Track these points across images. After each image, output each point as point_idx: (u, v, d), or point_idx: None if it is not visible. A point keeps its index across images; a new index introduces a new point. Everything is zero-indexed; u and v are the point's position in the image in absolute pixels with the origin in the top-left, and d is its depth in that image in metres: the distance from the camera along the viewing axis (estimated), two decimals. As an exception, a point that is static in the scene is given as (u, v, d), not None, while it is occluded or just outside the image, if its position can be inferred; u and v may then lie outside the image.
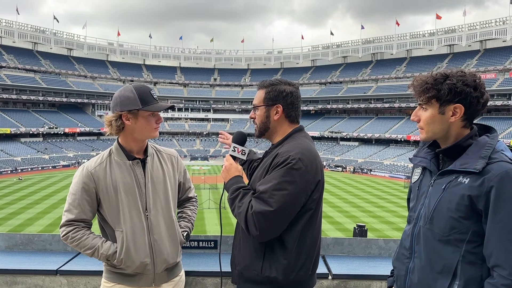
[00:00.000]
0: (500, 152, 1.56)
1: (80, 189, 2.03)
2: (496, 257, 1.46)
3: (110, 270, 2.12)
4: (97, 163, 2.08)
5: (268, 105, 2.01)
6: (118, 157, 2.10)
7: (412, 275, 1.68)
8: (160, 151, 2.27)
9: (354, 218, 26.59)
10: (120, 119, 2.03)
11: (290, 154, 1.83)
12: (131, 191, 2.07)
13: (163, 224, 2.14)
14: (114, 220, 2.05)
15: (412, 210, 1.78)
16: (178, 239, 2.21)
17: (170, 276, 2.21)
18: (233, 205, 1.90)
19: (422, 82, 1.63)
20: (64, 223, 2.05)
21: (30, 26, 70.34)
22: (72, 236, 2.03)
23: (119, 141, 2.13)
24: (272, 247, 1.88)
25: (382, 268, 2.87)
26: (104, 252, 2.02)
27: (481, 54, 64.62)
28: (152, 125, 2.08)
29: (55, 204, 29.73)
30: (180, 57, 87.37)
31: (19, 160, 52.30)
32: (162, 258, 2.12)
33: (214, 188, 35.17)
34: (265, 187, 1.81)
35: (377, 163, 56.07)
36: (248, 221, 1.80)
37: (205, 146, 74.31)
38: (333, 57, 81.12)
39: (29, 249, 3.27)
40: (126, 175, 2.08)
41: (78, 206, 2.04)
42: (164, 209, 2.16)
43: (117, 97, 2.04)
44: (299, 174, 1.81)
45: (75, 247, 2.06)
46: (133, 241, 2.05)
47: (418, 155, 1.82)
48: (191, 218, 2.38)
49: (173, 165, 2.28)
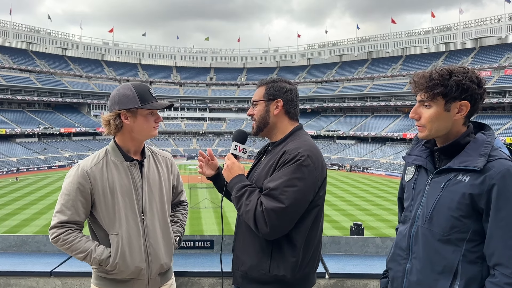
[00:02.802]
0: (498, 149, 1.55)
1: (75, 189, 1.96)
2: (498, 255, 1.44)
3: (101, 276, 2.04)
4: (93, 163, 2.01)
5: (268, 100, 2.02)
6: (115, 157, 2.04)
7: (410, 276, 1.64)
8: (155, 153, 2.23)
9: (351, 217, 26.63)
10: (118, 118, 1.98)
11: (299, 151, 1.84)
12: (128, 193, 2.01)
13: (159, 228, 2.10)
14: (109, 223, 1.99)
15: (408, 209, 1.74)
16: (172, 244, 2.18)
17: (163, 281, 2.17)
18: (240, 203, 1.88)
19: (427, 78, 1.58)
20: (55, 224, 1.97)
21: (24, 26, 69.97)
22: (64, 239, 1.95)
23: (116, 140, 2.06)
24: (280, 246, 1.87)
25: (379, 267, 2.84)
26: (97, 257, 1.95)
27: (476, 52, 64.85)
28: (151, 124, 2.04)
29: (51, 204, 29.56)
30: (175, 56, 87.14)
31: (14, 160, 52.02)
32: (157, 263, 2.07)
33: (210, 188, 35.08)
34: (275, 184, 1.80)
35: (373, 161, 56.17)
36: (257, 219, 1.79)
37: (202, 145, 74.18)
38: (329, 55, 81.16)
39: (23, 251, 3.24)
40: (123, 176, 2.02)
41: (72, 207, 1.96)
42: (160, 212, 2.12)
43: (115, 96, 1.99)
44: (308, 171, 1.82)
45: (65, 250, 1.98)
46: (129, 245, 1.99)
47: (412, 153, 1.78)
48: (183, 222, 2.34)
49: (167, 167, 2.24)
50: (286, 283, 1.87)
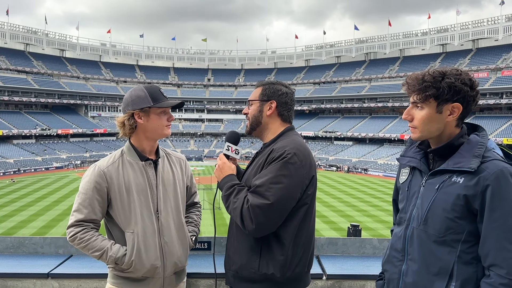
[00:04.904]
0: (492, 150, 1.56)
1: (92, 188, 2.00)
2: (493, 256, 1.45)
3: (117, 275, 2.07)
4: (109, 162, 2.07)
5: (263, 100, 2.06)
6: (130, 157, 2.09)
7: (406, 277, 1.64)
8: (170, 154, 2.29)
9: (348, 218, 26.65)
10: (132, 118, 2.04)
11: (285, 149, 1.87)
12: (143, 192, 2.06)
13: (173, 226, 2.13)
14: (125, 221, 2.02)
15: (403, 211, 1.74)
16: (187, 242, 2.20)
17: (178, 281, 2.19)
18: (228, 202, 1.90)
19: (419, 80, 1.59)
20: (72, 223, 2.01)
21: (22, 27, 69.78)
22: (81, 237, 1.98)
23: (131, 141, 2.12)
24: (269, 244, 1.88)
25: (377, 268, 2.84)
26: (113, 255, 1.98)
27: (473, 53, 65.08)
28: (164, 123, 2.09)
29: (48, 206, 29.49)
30: (173, 57, 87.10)
31: (11, 162, 51.84)
32: (172, 261, 2.10)
33: (208, 189, 35.07)
34: (261, 181, 1.82)
35: (371, 162, 56.25)
36: (243, 216, 1.81)
37: (199, 146, 74.15)
38: (327, 57, 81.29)
39: (20, 253, 3.23)
40: (139, 175, 2.07)
41: (89, 206, 2.00)
42: (174, 211, 2.15)
43: (128, 97, 2.06)
44: (295, 168, 1.84)
45: (82, 249, 2.01)
46: (144, 243, 2.02)
47: (406, 155, 1.78)
48: (198, 223, 2.38)
49: (181, 168, 2.29)
50: (276, 282, 1.88)
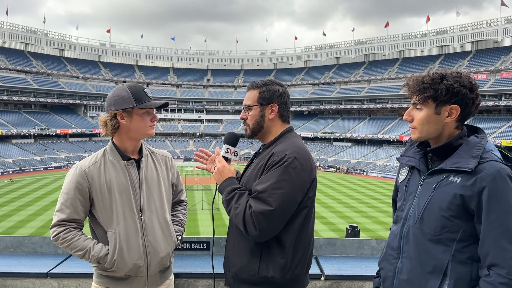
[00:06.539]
0: (490, 152, 1.58)
1: (73, 188, 2.00)
2: (493, 256, 1.46)
3: (101, 274, 2.08)
4: (91, 162, 2.07)
5: (263, 105, 2.01)
6: (112, 157, 2.08)
7: (401, 275, 1.66)
8: (154, 152, 2.27)
9: (347, 219, 26.67)
10: (115, 118, 2.03)
11: (286, 153, 1.85)
12: (125, 192, 2.05)
13: (158, 225, 2.12)
14: (107, 221, 2.02)
15: (400, 209, 1.77)
16: (172, 241, 2.20)
17: (162, 279, 2.19)
18: (229, 207, 1.89)
19: (419, 82, 1.62)
20: (55, 223, 2.02)
21: (21, 26, 69.74)
22: (63, 237, 2.00)
23: (113, 141, 2.11)
24: (269, 247, 1.87)
25: (375, 269, 2.84)
26: (96, 254, 1.99)
27: (472, 55, 65.17)
28: (147, 123, 2.08)
29: (46, 206, 29.45)
30: (173, 57, 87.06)
31: (10, 161, 51.77)
32: (156, 260, 2.10)
33: (207, 189, 35.07)
34: (263, 187, 1.81)
35: (370, 163, 56.28)
36: (246, 222, 1.80)
37: (199, 147, 72.90)
38: (326, 58, 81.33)
39: (19, 252, 3.23)
40: (121, 175, 2.06)
41: (71, 206, 2.01)
42: (159, 210, 2.14)
43: (111, 97, 2.04)
44: (296, 173, 1.82)
45: (65, 248, 2.03)
46: (126, 242, 2.02)
47: (405, 155, 1.81)
48: (183, 222, 2.37)
49: (167, 166, 2.27)
50: (275, 284, 1.88)
